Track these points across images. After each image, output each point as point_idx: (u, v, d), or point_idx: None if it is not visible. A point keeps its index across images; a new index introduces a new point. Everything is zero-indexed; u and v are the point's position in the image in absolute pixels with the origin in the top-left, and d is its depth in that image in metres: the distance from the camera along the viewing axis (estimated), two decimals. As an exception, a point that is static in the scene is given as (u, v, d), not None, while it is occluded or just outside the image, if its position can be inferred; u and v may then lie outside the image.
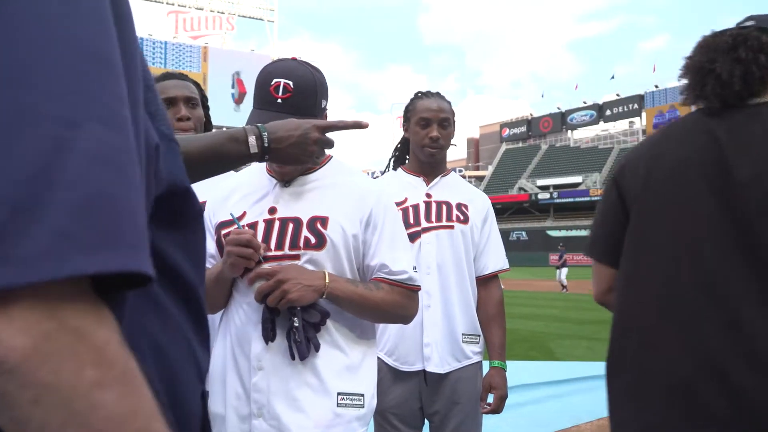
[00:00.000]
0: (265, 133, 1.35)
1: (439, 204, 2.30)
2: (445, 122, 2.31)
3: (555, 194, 54.62)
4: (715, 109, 1.38)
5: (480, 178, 65.00)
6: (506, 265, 2.39)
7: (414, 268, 1.65)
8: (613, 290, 1.50)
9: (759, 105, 1.34)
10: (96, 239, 0.42)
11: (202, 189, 1.92)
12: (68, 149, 0.42)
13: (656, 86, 58.83)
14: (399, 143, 2.53)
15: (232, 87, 52.19)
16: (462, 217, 2.29)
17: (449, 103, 2.38)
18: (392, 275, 1.59)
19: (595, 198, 51.02)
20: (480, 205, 2.36)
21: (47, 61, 0.44)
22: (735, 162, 1.28)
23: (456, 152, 78.94)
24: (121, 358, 0.42)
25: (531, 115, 70.82)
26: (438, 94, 2.40)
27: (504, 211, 58.33)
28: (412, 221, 2.25)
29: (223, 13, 56.85)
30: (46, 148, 0.41)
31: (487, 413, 2.27)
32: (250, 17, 58.91)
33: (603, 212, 1.55)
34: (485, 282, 2.32)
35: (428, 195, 2.32)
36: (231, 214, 1.59)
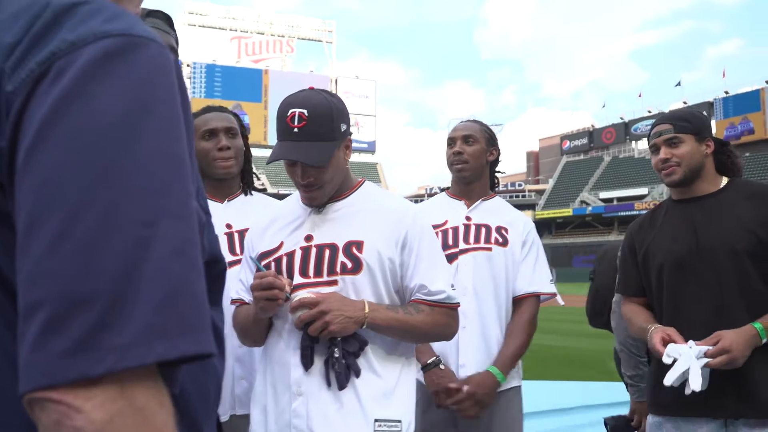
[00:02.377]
0: None
1: (478, 226, 2.32)
2: (469, 138, 2.36)
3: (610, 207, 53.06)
4: None
5: (540, 192, 63.91)
6: (546, 289, 2.35)
7: (452, 286, 1.68)
8: None
9: None
10: (175, 328, 0.51)
11: (244, 216, 2.03)
12: (148, 247, 0.51)
13: (726, 92, 56.56)
14: None
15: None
16: (501, 240, 2.30)
17: (483, 125, 2.46)
18: (431, 296, 1.61)
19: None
20: (521, 227, 2.36)
21: (130, 165, 0.52)
22: None
23: (515, 166, 78.03)
24: None
25: (592, 126, 69.18)
26: (473, 119, 2.50)
27: (565, 225, 57.11)
28: (450, 243, 2.28)
29: (283, 36, 58.64)
30: (129, 246, 0.50)
31: (447, 407, 2.15)
32: (309, 39, 60.48)
33: None
34: (519, 302, 2.30)
35: (468, 218, 2.36)
36: (250, 258, 1.67)
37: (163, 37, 1.52)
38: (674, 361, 1.81)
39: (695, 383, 1.77)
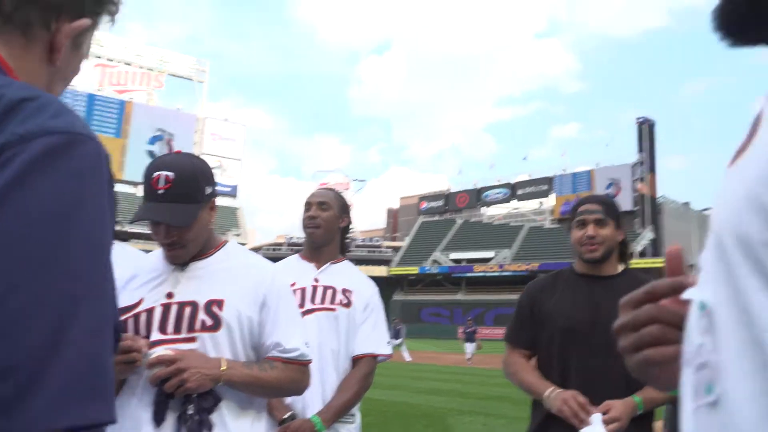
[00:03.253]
0: None
1: (325, 288, 2.45)
2: (324, 204, 2.51)
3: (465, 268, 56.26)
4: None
5: (396, 249, 65.99)
6: (382, 350, 2.48)
7: (306, 344, 1.79)
8: None
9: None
10: (88, 399, 0.58)
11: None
12: (70, 325, 0.58)
13: (564, 170, 62.74)
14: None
15: (152, 143, 51.45)
16: (345, 302, 2.44)
17: (336, 193, 2.65)
18: (285, 353, 1.69)
19: (506, 273, 53.03)
20: (365, 292, 2.51)
21: (60, 251, 0.59)
22: None
23: (375, 221, 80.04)
24: None
25: (449, 189, 73.03)
26: (330, 188, 2.74)
27: (417, 282, 59.37)
28: (298, 303, 2.31)
29: (152, 69, 56.53)
30: (52, 325, 0.57)
31: None
32: (180, 76, 58.84)
33: None
34: (357, 361, 2.43)
35: (316, 279, 2.48)
36: None
37: None
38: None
39: None
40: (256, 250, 33.08)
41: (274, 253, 48.17)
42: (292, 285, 2.35)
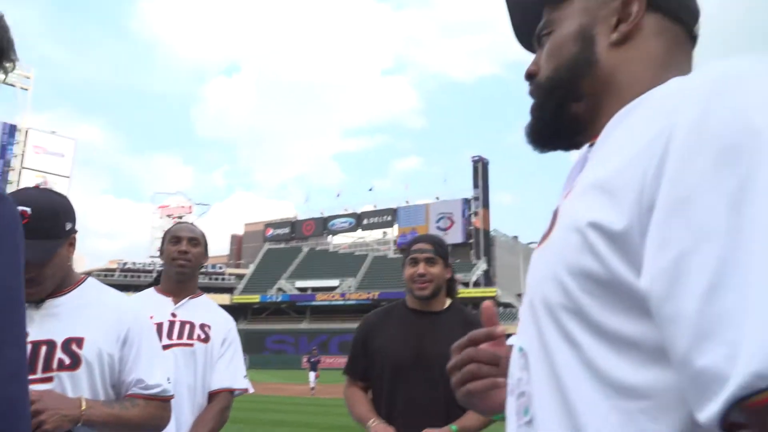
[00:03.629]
0: None
1: (182, 323, 2.44)
2: (194, 241, 2.53)
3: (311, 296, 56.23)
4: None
5: (240, 276, 64.32)
6: (239, 384, 2.50)
7: (168, 379, 1.78)
8: None
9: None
10: None
11: None
12: None
13: (407, 202, 65.51)
14: (161, 268, 2.70)
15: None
16: (203, 336, 2.44)
17: (201, 230, 2.67)
18: (147, 389, 1.69)
19: (350, 302, 53.70)
20: (223, 326, 2.54)
21: None
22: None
23: (218, 248, 77.44)
24: None
25: (295, 217, 73.07)
26: (193, 224, 2.73)
27: (262, 311, 58.15)
28: None
29: (-37, 72, 50.56)
30: None
31: None
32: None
33: None
34: (213, 396, 2.44)
35: (174, 314, 2.46)
36: None
37: None
38: None
39: None
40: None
41: (105, 280, 44.20)
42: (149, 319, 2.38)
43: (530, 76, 0.85)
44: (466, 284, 54.04)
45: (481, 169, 60.58)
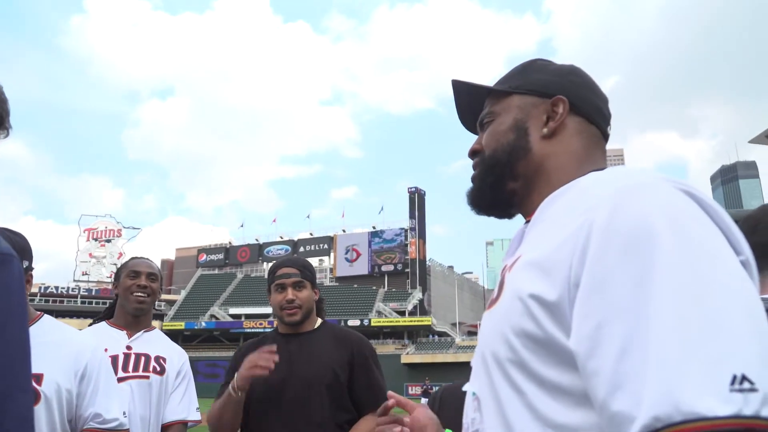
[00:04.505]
0: None
1: (138, 356, 2.46)
2: (152, 276, 2.58)
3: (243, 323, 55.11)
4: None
5: (171, 302, 62.47)
6: (192, 416, 2.55)
7: (124, 413, 1.83)
8: None
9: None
10: None
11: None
12: (3, 413, 0.70)
13: (344, 230, 65.70)
14: (111, 301, 2.70)
15: None
16: (159, 369, 2.47)
17: (157, 266, 2.72)
18: (104, 424, 1.73)
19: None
20: (178, 359, 2.60)
21: None
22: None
23: (148, 273, 74.54)
24: None
25: (230, 243, 71.87)
26: (149, 259, 2.71)
27: (193, 338, 56.54)
28: None
29: None
30: None
31: None
32: None
33: None
34: (167, 428, 2.47)
35: (128, 347, 2.48)
36: None
37: None
38: None
39: None
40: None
41: (23, 305, 42.17)
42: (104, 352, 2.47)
43: (474, 152, 1.02)
44: (402, 313, 54.45)
45: (417, 199, 61.64)
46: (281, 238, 67.96)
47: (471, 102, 1.06)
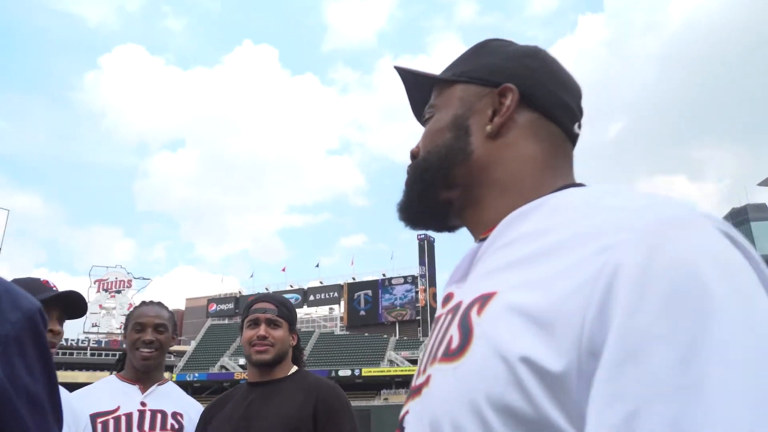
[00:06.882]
0: None
1: (153, 412, 2.32)
2: (161, 327, 2.39)
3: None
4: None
5: (180, 354, 61.99)
6: None
7: None
8: None
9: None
10: None
11: None
12: None
13: (353, 278, 65.45)
14: (121, 353, 2.58)
15: None
16: (177, 426, 2.34)
17: (170, 312, 2.52)
18: None
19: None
20: (194, 414, 2.44)
21: (15, 410, 0.78)
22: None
23: (158, 323, 74.35)
24: None
25: (240, 292, 71.71)
26: (160, 303, 2.52)
27: (203, 390, 55.85)
28: (123, 430, 2.21)
29: None
30: None
31: None
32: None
33: None
34: None
35: (143, 403, 2.33)
36: None
37: None
38: None
39: None
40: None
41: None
42: (116, 409, 2.27)
43: (413, 155, 0.83)
44: (413, 362, 53.64)
45: (426, 246, 61.58)
46: (291, 286, 67.71)
47: (423, 94, 0.87)
